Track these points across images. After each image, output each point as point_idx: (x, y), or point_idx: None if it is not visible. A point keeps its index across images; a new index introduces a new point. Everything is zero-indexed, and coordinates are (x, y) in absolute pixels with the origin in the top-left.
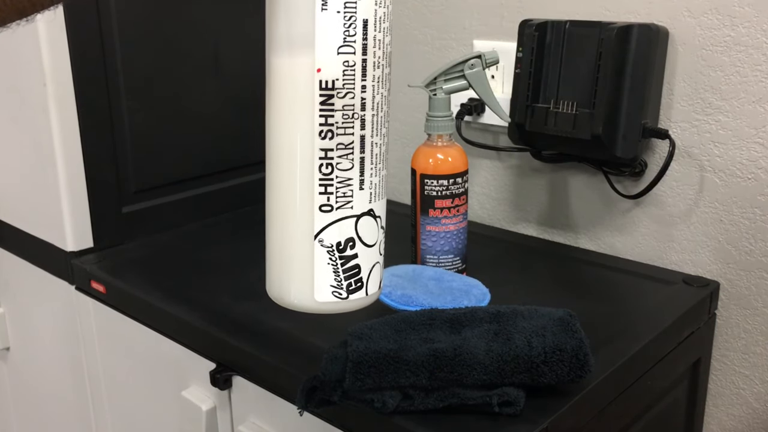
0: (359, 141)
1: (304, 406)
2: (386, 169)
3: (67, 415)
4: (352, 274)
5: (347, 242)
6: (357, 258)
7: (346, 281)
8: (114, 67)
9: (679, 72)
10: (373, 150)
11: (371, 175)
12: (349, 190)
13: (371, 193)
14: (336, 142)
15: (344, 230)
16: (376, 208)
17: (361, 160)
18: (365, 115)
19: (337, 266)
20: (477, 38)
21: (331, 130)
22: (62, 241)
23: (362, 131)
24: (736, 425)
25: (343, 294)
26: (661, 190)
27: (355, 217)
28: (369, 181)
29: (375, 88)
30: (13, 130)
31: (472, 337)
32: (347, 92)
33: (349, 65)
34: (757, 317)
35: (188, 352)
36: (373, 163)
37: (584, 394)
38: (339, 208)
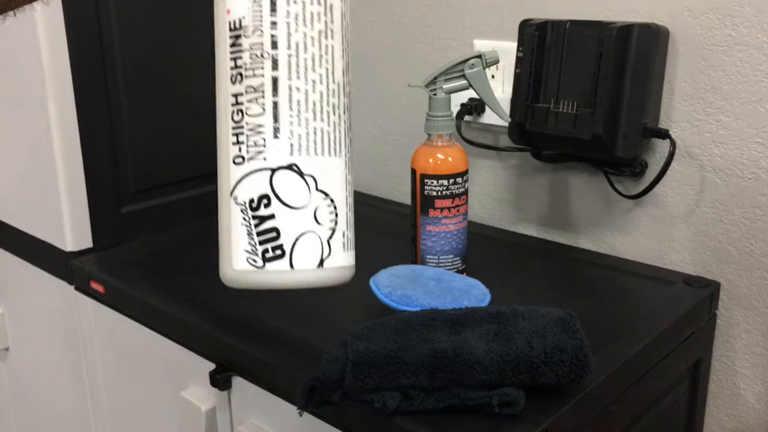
0: (271, 83)
1: (303, 407)
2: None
3: (66, 415)
4: (269, 238)
5: (261, 200)
6: (274, 219)
7: (261, 246)
8: (113, 67)
9: (679, 72)
10: (293, 95)
11: (292, 124)
12: (260, 138)
13: (293, 145)
14: (245, 86)
15: (257, 185)
16: (305, 164)
17: (275, 104)
18: (278, 54)
19: (250, 227)
20: (477, 38)
21: (240, 72)
22: (61, 242)
23: (274, 72)
24: (737, 425)
25: (257, 261)
26: (662, 190)
27: (270, 171)
28: (288, 130)
29: (291, 25)
30: (12, 129)
31: (472, 337)
32: (254, 30)
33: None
34: (757, 317)
35: (188, 353)
36: (293, 110)
37: (584, 394)
38: (251, 159)
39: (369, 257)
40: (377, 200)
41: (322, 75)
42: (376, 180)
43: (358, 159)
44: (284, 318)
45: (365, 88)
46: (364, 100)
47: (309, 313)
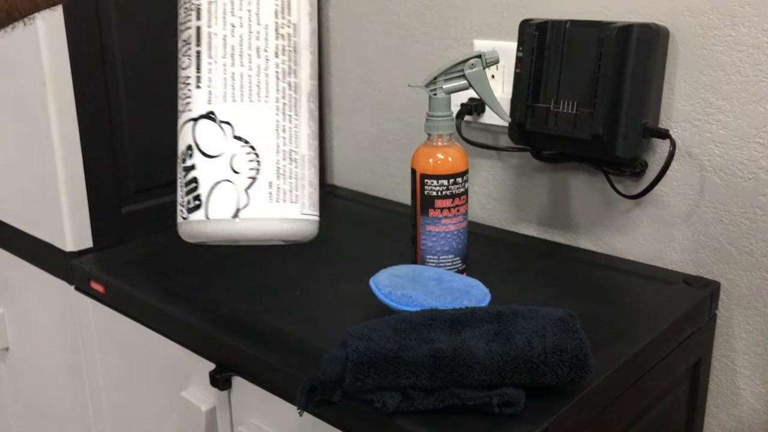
0: (195, 33)
1: (303, 407)
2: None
3: (67, 415)
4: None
5: (187, 151)
6: (194, 170)
7: (185, 197)
8: (113, 67)
9: (679, 72)
10: (213, 41)
11: (211, 72)
12: (188, 90)
13: (210, 92)
14: (181, 40)
15: (185, 137)
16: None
17: (198, 54)
18: (201, 4)
19: (181, 180)
20: (477, 38)
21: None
22: (62, 241)
23: (198, 21)
24: (737, 425)
25: (183, 213)
26: (662, 190)
27: (193, 121)
28: (207, 78)
29: None
30: (12, 130)
31: (472, 337)
32: None
33: None
34: (757, 317)
35: (188, 353)
36: (212, 58)
37: (584, 394)
38: (182, 112)
39: (369, 257)
40: (377, 200)
41: (242, 18)
42: (376, 180)
43: (358, 159)
44: (284, 318)
45: (365, 88)
46: (364, 100)
47: (309, 313)
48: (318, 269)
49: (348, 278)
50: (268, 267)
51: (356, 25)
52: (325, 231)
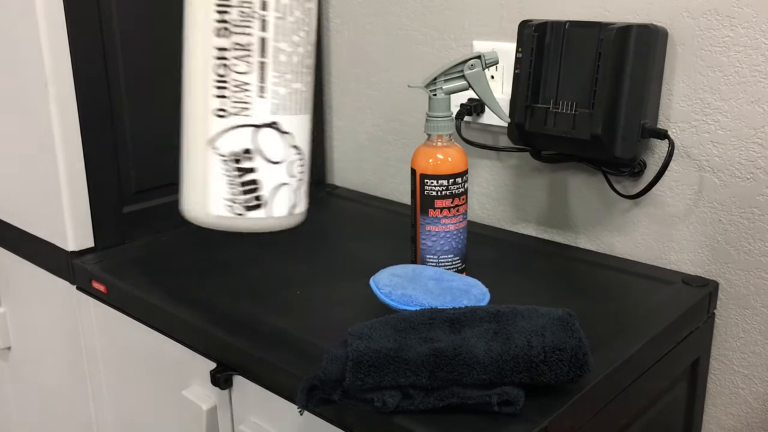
0: (259, 43)
1: (304, 406)
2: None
3: (68, 414)
4: (250, 189)
5: (244, 153)
6: (255, 173)
7: (243, 196)
8: (115, 68)
9: (678, 72)
10: (279, 56)
11: (276, 84)
12: (246, 96)
13: (275, 104)
14: (232, 42)
15: (241, 140)
16: (285, 122)
17: (261, 64)
18: (267, 16)
19: (232, 178)
20: (477, 39)
21: (227, 27)
22: (63, 241)
23: (263, 33)
24: (735, 424)
25: (238, 209)
26: (660, 190)
27: (254, 127)
28: (272, 90)
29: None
30: (14, 130)
31: (471, 336)
32: None
33: None
34: (756, 317)
35: (189, 352)
36: (278, 72)
37: (583, 393)
38: (235, 114)
39: (369, 257)
40: (377, 200)
41: (302, 37)
42: (376, 180)
43: (358, 159)
44: (285, 317)
45: (365, 88)
46: (364, 100)
47: (309, 312)
48: (318, 269)
49: (348, 278)
50: (268, 267)
51: (356, 26)
52: (326, 231)
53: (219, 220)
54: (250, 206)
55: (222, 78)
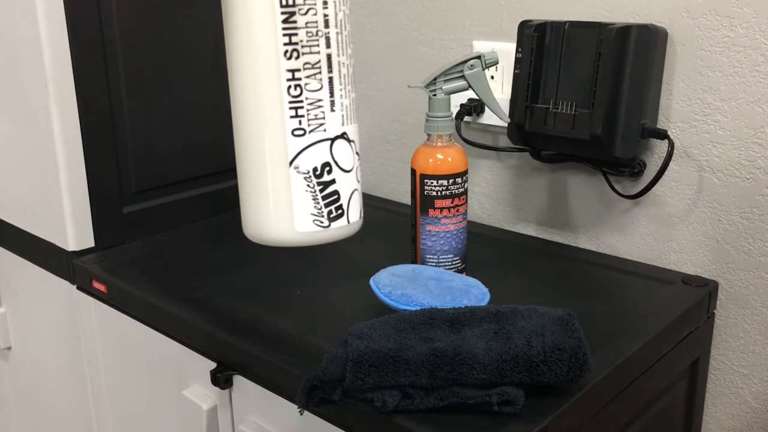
0: (326, 60)
1: (304, 405)
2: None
3: (68, 414)
4: (332, 200)
5: (324, 167)
6: (335, 184)
7: (326, 208)
8: (115, 68)
9: (677, 72)
10: (341, 70)
11: (341, 97)
12: (320, 112)
13: (343, 116)
14: (303, 62)
15: (320, 155)
16: (350, 131)
17: (330, 80)
18: (329, 32)
19: (315, 193)
20: (477, 39)
21: (297, 49)
22: (63, 241)
23: (328, 50)
24: (735, 424)
25: (324, 222)
26: (660, 190)
27: (330, 141)
28: (340, 102)
29: (337, 4)
30: (14, 130)
31: (471, 336)
32: (309, 8)
33: None
34: (755, 317)
35: (189, 352)
36: (342, 84)
37: (583, 393)
38: (312, 131)
39: (369, 257)
40: (377, 200)
41: (353, 49)
42: (376, 180)
43: None
44: (285, 317)
45: (365, 88)
46: (364, 100)
47: (309, 312)
48: (318, 269)
49: (348, 278)
50: (268, 266)
51: (356, 26)
52: None
53: (307, 236)
54: (333, 217)
55: (297, 98)
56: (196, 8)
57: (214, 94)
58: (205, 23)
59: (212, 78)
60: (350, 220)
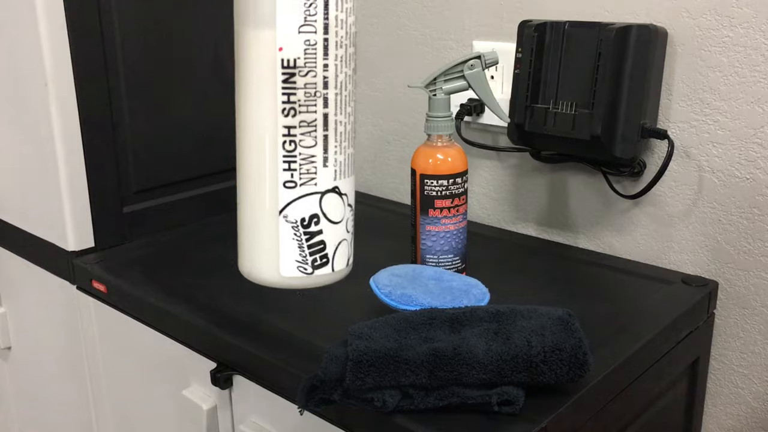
0: (322, 119)
1: (304, 405)
2: (353, 148)
3: (68, 414)
4: (318, 249)
5: (312, 218)
6: (322, 234)
7: (311, 256)
8: (115, 68)
9: (677, 72)
10: (338, 128)
11: (336, 153)
12: (312, 167)
13: (336, 171)
14: (299, 120)
15: (309, 206)
16: (342, 185)
17: (325, 137)
18: (328, 93)
19: (301, 242)
20: (476, 39)
21: (294, 107)
22: (63, 241)
23: (325, 109)
24: (735, 424)
25: (308, 269)
26: (660, 190)
27: (320, 194)
28: (333, 158)
29: (338, 67)
30: (14, 130)
31: (471, 336)
32: (309, 71)
33: (310, 44)
34: (755, 317)
35: (189, 352)
36: (337, 141)
37: (583, 393)
38: (303, 184)
39: (369, 257)
40: (377, 200)
41: (353, 107)
42: (376, 180)
43: (358, 159)
44: (285, 317)
45: (365, 89)
46: (364, 101)
47: (310, 312)
48: None
49: (348, 278)
50: None
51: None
52: None
53: (290, 281)
54: (318, 264)
55: (290, 153)
56: (197, 8)
57: (214, 93)
58: (206, 23)
59: (212, 78)
60: (335, 268)
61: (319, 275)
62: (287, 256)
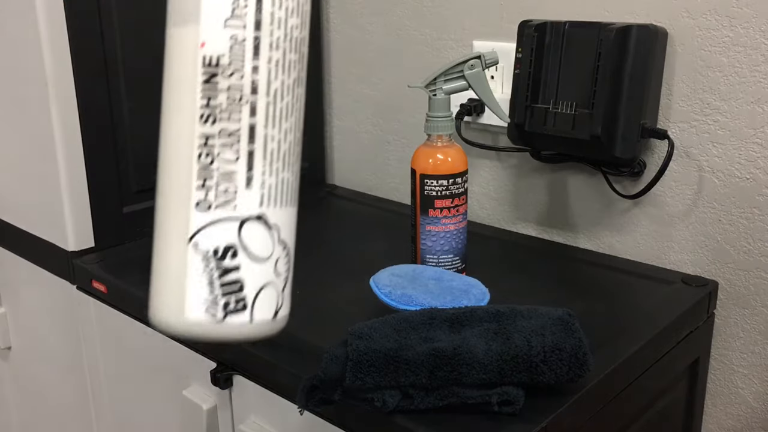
0: (248, 130)
1: (304, 405)
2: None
3: (68, 414)
4: (232, 291)
5: (227, 250)
6: (238, 271)
7: (223, 298)
8: (115, 68)
9: (677, 72)
10: (268, 144)
11: (264, 174)
12: (232, 186)
13: (263, 195)
14: (219, 128)
15: (224, 235)
16: (272, 215)
17: (250, 153)
18: (257, 101)
19: (212, 277)
20: (476, 39)
21: (213, 113)
22: (63, 241)
23: (252, 119)
24: (735, 424)
25: (218, 313)
26: (660, 190)
27: (238, 221)
28: (260, 179)
29: (272, 72)
30: (14, 130)
31: (471, 336)
32: (234, 71)
33: (237, 41)
34: (755, 317)
35: (189, 352)
36: (267, 160)
37: (583, 393)
38: (219, 206)
39: (369, 257)
40: (377, 200)
41: (292, 124)
42: (376, 180)
43: (358, 159)
44: None
45: (365, 89)
46: (364, 101)
47: (309, 312)
48: (318, 269)
49: (348, 278)
50: None
51: (356, 26)
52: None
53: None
54: (231, 310)
55: (207, 167)
56: None
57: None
58: None
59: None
60: (254, 318)
61: (232, 324)
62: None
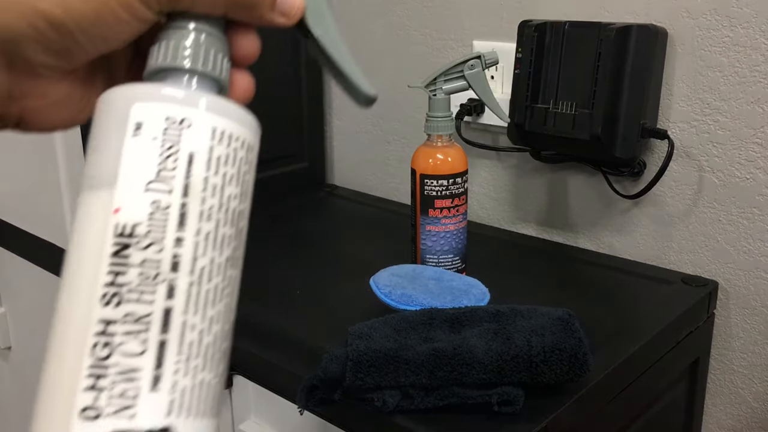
0: (162, 315)
1: (304, 405)
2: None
3: None
4: None
5: None
6: None
7: None
8: None
9: (677, 72)
10: (186, 335)
11: (177, 372)
12: (132, 387)
13: (173, 402)
14: (124, 311)
15: None
16: (181, 427)
17: (161, 344)
18: (176, 280)
19: None
20: (476, 39)
21: (119, 292)
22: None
23: (169, 301)
24: (735, 424)
25: None
26: (660, 190)
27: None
28: (171, 380)
29: (200, 246)
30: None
31: (471, 336)
32: (151, 243)
33: (160, 207)
34: (755, 317)
35: None
36: (183, 355)
37: (583, 393)
38: (110, 415)
39: (369, 257)
40: (377, 200)
41: (220, 312)
42: (376, 180)
43: (358, 159)
44: (284, 317)
45: None
46: None
47: (309, 312)
48: (318, 269)
49: (348, 278)
50: (268, 266)
51: (356, 26)
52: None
53: None
54: None
55: (101, 361)
56: None
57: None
58: None
59: None
60: None
61: None
62: None
